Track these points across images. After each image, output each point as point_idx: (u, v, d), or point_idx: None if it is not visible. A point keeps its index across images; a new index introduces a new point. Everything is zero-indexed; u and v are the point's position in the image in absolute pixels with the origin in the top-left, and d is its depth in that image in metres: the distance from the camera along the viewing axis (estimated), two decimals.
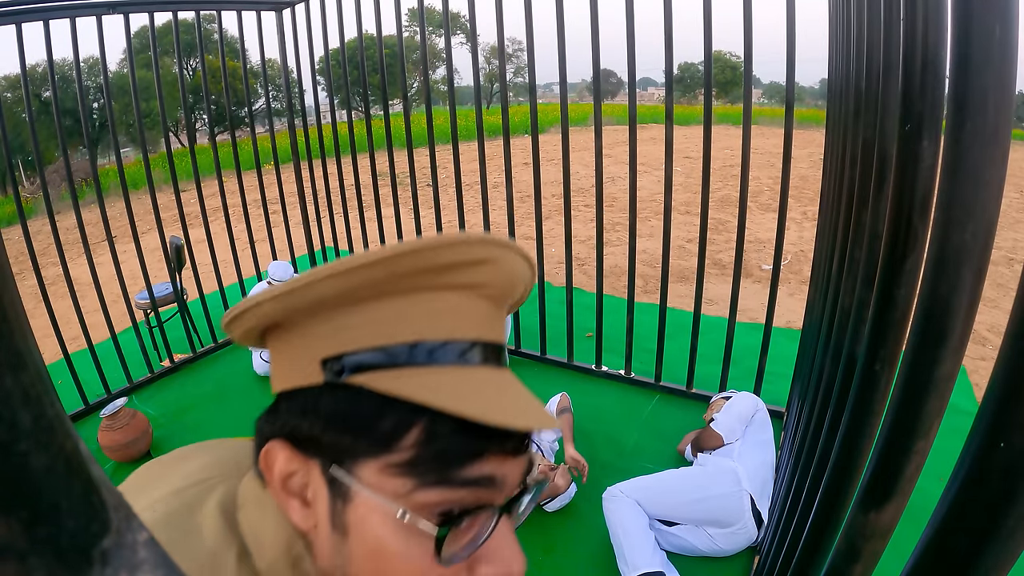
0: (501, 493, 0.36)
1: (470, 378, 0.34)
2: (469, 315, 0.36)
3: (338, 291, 0.33)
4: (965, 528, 0.41)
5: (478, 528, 0.35)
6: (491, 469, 0.34)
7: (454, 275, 0.34)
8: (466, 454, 0.34)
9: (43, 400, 0.12)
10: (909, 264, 0.61)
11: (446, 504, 0.34)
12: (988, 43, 0.32)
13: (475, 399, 0.33)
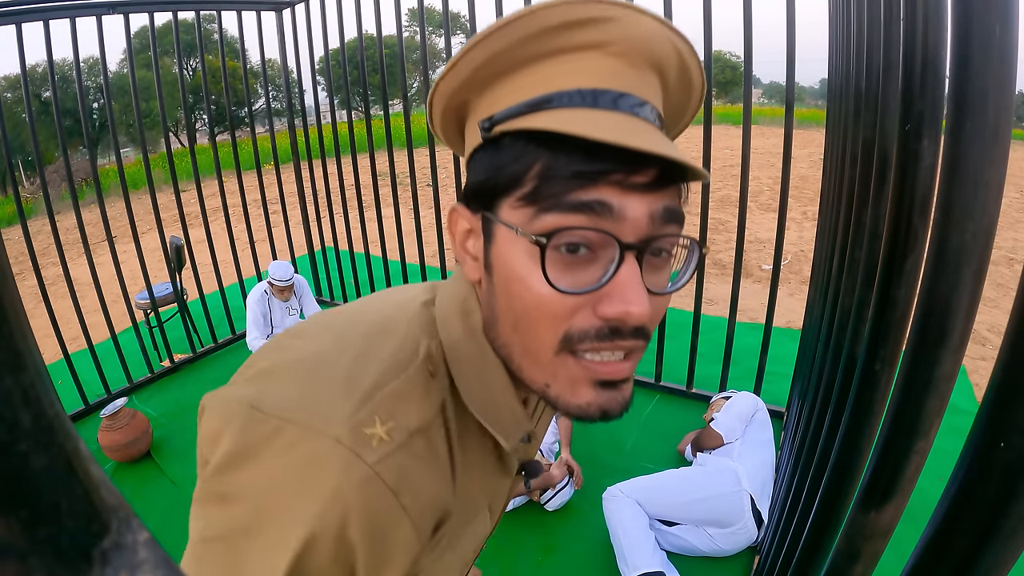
0: (623, 226, 0.36)
1: (594, 115, 0.36)
2: (599, 70, 0.37)
3: (485, 57, 0.38)
4: (965, 528, 0.41)
5: (602, 267, 0.37)
6: (606, 196, 0.35)
7: (575, 34, 0.36)
8: (580, 177, 0.35)
9: (43, 400, 0.12)
10: (909, 264, 0.61)
11: (562, 228, 0.35)
12: (988, 43, 0.32)
13: (589, 125, 0.34)
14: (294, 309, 3.37)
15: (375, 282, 3.82)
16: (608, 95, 0.37)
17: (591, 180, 0.35)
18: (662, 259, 0.39)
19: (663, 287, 0.39)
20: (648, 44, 0.38)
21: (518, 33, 0.37)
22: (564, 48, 0.37)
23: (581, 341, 0.37)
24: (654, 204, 0.36)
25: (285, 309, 3.34)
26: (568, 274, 0.37)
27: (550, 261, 0.36)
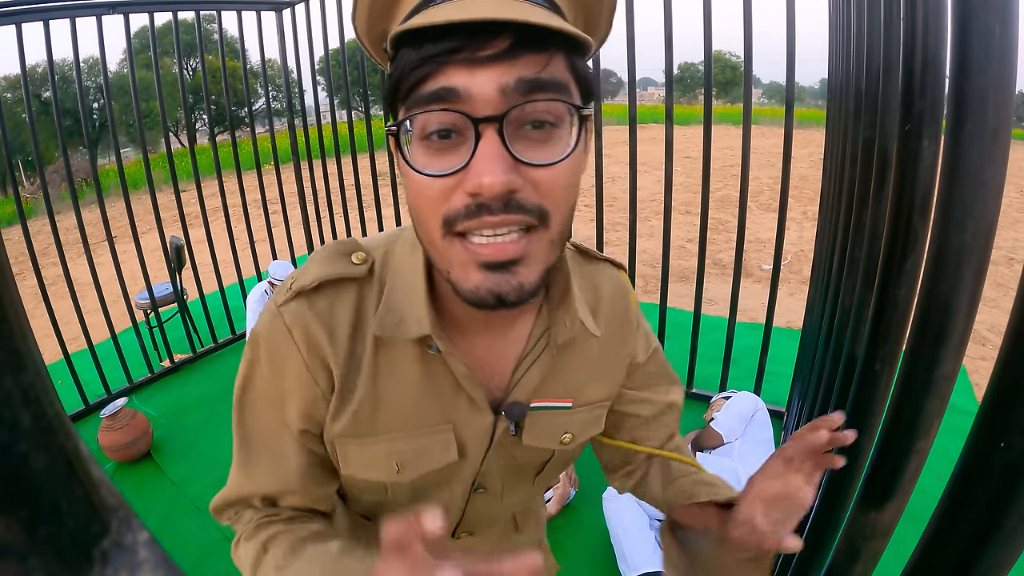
0: (474, 103, 0.36)
1: (444, 7, 0.37)
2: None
3: None
4: (965, 528, 0.41)
5: (462, 154, 0.38)
6: (453, 79, 0.36)
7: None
8: (428, 63, 0.37)
9: (43, 400, 0.12)
10: (909, 264, 0.61)
11: (420, 119, 0.38)
12: (988, 43, 0.32)
13: (442, 13, 0.36)
14: None
15: None
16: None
17: (439, 64, 0.36)
18: (544, 131, 0.38)
19: (548, 158, 0.38)
20: None
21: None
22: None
23: (456, 221, 0.38)
24: (504, 76, 0.36)
25: None
26: (438, 159, 0.38)
27: (419, 150, 0.39)
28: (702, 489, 0.58)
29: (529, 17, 0.34)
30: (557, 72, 0.38)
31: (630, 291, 0.61)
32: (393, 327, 0.48)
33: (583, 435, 0.59)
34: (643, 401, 0.64)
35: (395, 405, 0.51)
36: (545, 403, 0.54)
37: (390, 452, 0.52)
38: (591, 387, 0.57)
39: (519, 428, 0.54)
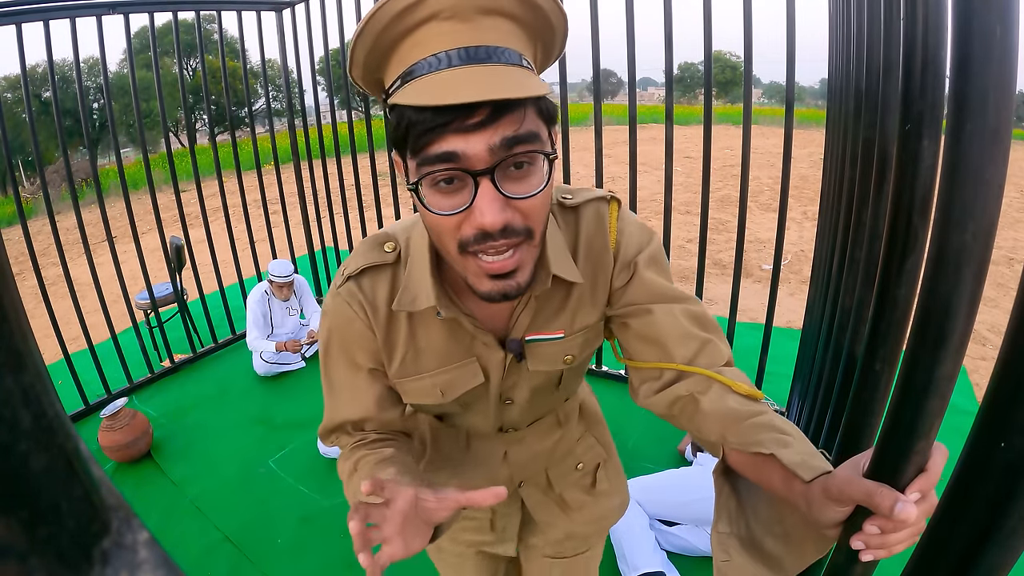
0: (471, 161, 0.49)
1: (432, 79, 0.48)
2: (439, 36, 0.48)
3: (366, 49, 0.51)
4: (965, 528, 0.41)
5: (469, 192, 0.51)
6: (452, 145, 0.49)
7: (411, 15, 0.48)
8: (431, 131, 0.49)
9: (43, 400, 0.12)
10: (909, 264, 0.61)
11: (429, 171, 0.50)
12: (988, 43, 0.32)
13: (421, 92, 0.48)
14: (294, 309, 3.38)
15: None
16: (447, 56, 0.48)
17: (438, 133, 0.49)
18: (523, 170, 0.52)
19: (529, 191, 0.52)
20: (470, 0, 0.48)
21: (376, 27, 0.49)
22: (410, 26, 0.49)
23: (468, 245, 0.53)
24: (491, 138, 0.49)
25: (285, 309, 3.34)
26: (447, 199, 0.52)
27: (431, 194, 0.52)
28: (766, 436, 0.54)
29: (502, 92, 0.46)
30: (530, 124, 0.51)
31: (608, 221, 0.69)
32: (409, 303, 0.65)
33: (584, 352, 0.74)
34: (641, 314, 0.68)
35: (430, 351, 0.70)
36: (539, 335, 0.71)
37: (433, 384, 0.71)
38: (580, 316, 0.71)
39: (523, 357, 0.71)
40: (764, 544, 0.57)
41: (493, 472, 0.88)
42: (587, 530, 0.96)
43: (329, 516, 2.12)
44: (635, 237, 0.69)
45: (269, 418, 2.81)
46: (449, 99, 0.46)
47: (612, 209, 0.69)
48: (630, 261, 0.68)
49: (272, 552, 1.97)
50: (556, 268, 0.64)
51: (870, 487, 0.43)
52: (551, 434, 0.88)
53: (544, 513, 0.94)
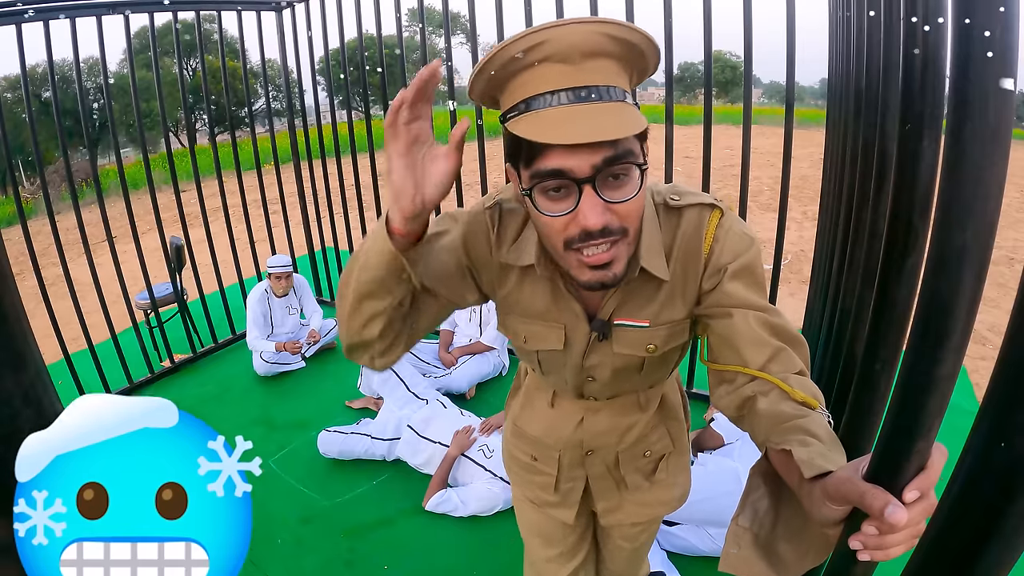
0: (575, 173, 0.58)
1: (546, 115, 0.58)
2: (550, 76, 0.58)
3: (485, 80, 0.62)
4: (965, 528, 0.41)
5: (574, 197, 0.60)
6: (555, 162, 0.58)
7: (528, 57, 0.58)
8: (534, 153, 0.60)
9: (43, 400, 0.12)
10: (909, 264, 0.61)
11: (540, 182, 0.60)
12: (988, 43, 0.32)
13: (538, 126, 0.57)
14: (294, 308, 3.38)
15: None
16: (557, 95, 0.58)
17: (546, 149, 0.58)
18: (620, 180, 0.60)
19: (625, 196, 0.61)
20: (577, 47, 0.57)
21: (496, 64, 0.59)
22: (526, 65, 0.59)
23: (573, 243, 0.62)
24: (593, 158, 0.58)
25: (285, 309, 3.34)
26: (555, 204, 0.61)
27: (542, 200, 0.62)
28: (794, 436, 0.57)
29: (606, 134, 0.55)
30: (627, 144, 0.59)
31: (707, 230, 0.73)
32: (515, 258, 0.76)
33: (667, 345, 0.79)
34: (722, 316, 0.71)
35: (528, 299, 0.79)
36: (626, 321, 0.77)
37: (520, 327, 0.82)
38: (667, 310, 0.76)
39: (606, 336, 0.78)
40: (778, 547, 0.58)
41: (566, 437, 0.95)
42: (635, 510, 1.02)
43: (329, 516, 2.12)
44: (731, 245, 0.72)
45: (269, 418, 2.81)
46: (563, 139, 0.55)
47: (714, 216, 0.73)
48: (721, 267, 0.72)
49: (272, 552, 1.97)
50: (645, 262, 0.70)
51: (864, 488, 0.44)
52: (629, 414, 0.94)
53: (601, 485, 1.00)
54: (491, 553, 1.92)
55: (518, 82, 0.60)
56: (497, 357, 3.00)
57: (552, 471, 0.99)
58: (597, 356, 0.81)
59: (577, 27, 0.57)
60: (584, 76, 0.58)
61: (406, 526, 2.06)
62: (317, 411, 2.80)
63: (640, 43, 0.60)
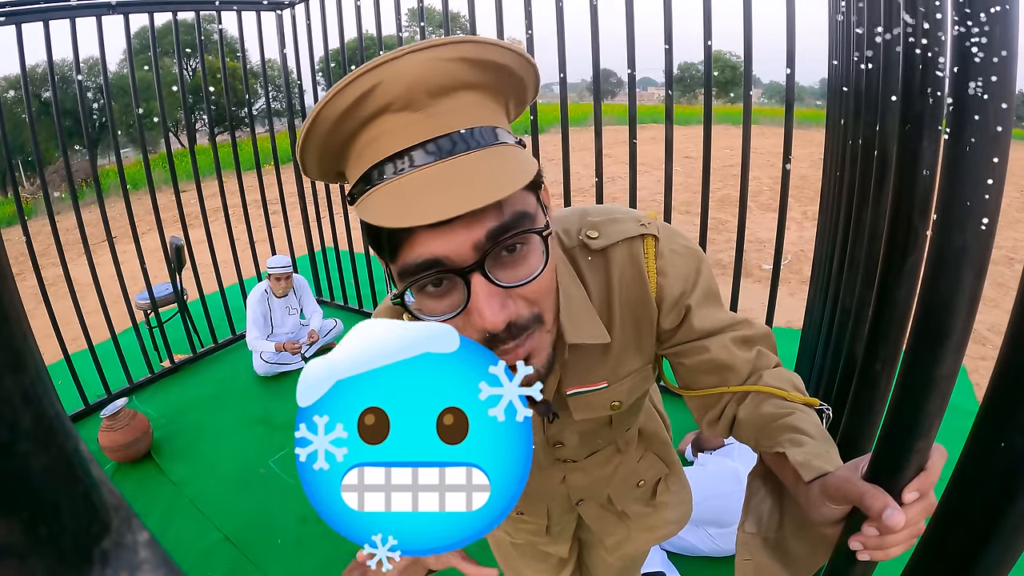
0: (455, 260, 0.44)
1: (394, 187, 0.43)
2: (395, 132, 0.44)
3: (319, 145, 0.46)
4: (965, 528, 0.41)
5: (458, 295, 0.46)
6: (424, 250, 0.44)
7: (361, 109, 0.43)
8: (397, 242, 0.45)
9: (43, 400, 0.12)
10: (909, 264, 0.61)
11: (413, 279, 0.46)
12: (988, 43, 0.32)
13: (384, 208, 0.43)
14: (294, 309, 3.38)
15: (375, 282, 3.82)
16: (405, 157, 0.44)
17: (408, 234, 0.44)
18: (518, 252, 0.46)
19: (529, 275, 0.47)
20: (419, 83, 0.43)
21: (321, 129, 0.45)
22: (360, 122, 0.44)
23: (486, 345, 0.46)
24: (472, 235, 0.44)
25: (285, 309, 3.34)
26: (439, 303, 0.48)
27: (422, 300, 0.48)
28: (784, 436, 0.55)
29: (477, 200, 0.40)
30: (516, 204, 0.46)
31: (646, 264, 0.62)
32: None
33: (632, 397, 0.70)
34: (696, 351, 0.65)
35: None
36: (581, 389, 0.66)
37: None
38: (623, 363, 0.66)
39: (555, 416, 0.69)
40: (788, 546, 0.57)
41: (551, 492, 0.88)
42: (645, 536, 0.97)
43: None
44: (679, 273, 0.63)
45: (269, 418, 2.81)
46: (416, 220, 0.41)
47: (648, 245, 0.62)
48: (677, 300, 0.63)
49: (272, 552, 1.97)
50: (574, 336, 0.58)
51: (864, 489, 0.44)
52: (610, 461, 0.87)
53: (602, 524, 0.94)
54: (491, 553, 1.91)
55: (357, 147, 0.46)
56: None
57: (542, 521, 0.94)
58: (558, 427, 0.72)
59: (413, 57, 0.42)
60: (437, 123, 0.44)
61: None
62: None
63: (509, 62, 0.46)
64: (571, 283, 0.60)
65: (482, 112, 0.46)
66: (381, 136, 0.44)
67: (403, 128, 0.44)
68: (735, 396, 0.66)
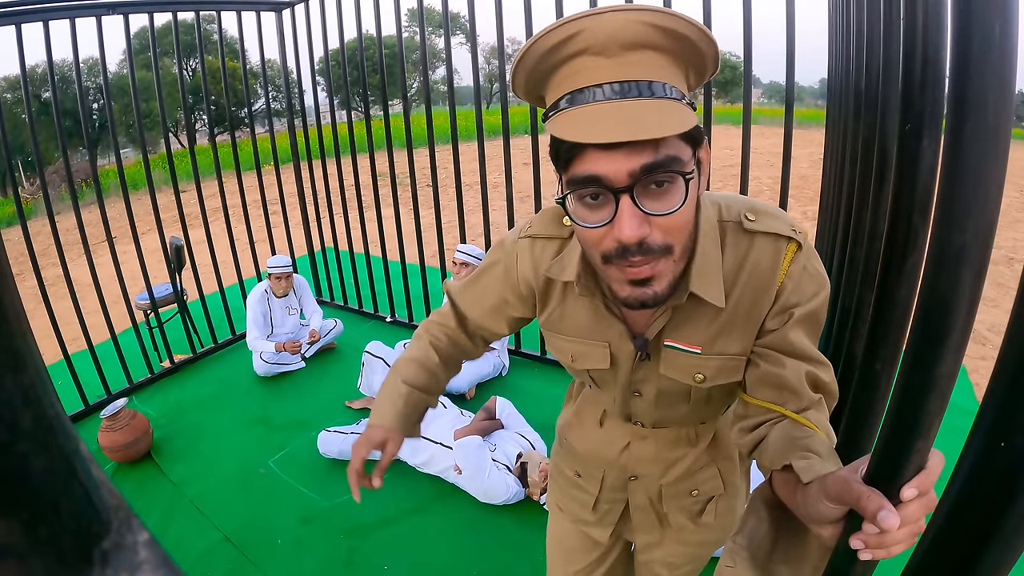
0: (611, 179, 0.53)
1: (580, 113, 0.54)
2: (587, 71, 0.54)
3: (525, 75, 0.59)
4: (965, 528, 0.41)
5: (608, 210, 0.56)
6: (589, 167, 0.54)
7: (563, 49, 0.54)
8: (570, 156, 0.55)
9: (43, 401, 0.12)
10: (909, 264, 0.61)
11: (575, 189, 0.56)
12: (988, 43, 0.32)
13: (568, 126, 0.53)
14: (294, 309, 3.38)
15: (375, 282, 3.82)
16: (596, 90, 0.53)
17: (580, 151, 0.54)
18: (663, 189, 0.55)
19: (668, 208, 0.55)
20: (615, 37, 0.52)
21: (531, 59, 0.56)
22: (563, 58, 0.55)
23: (611, 258, 0.57)
24: (630, 164, 0.53)
25: (285, 309, 3.34)
26: (592, 213, 0.57)
27: (579, 207, 0.57)
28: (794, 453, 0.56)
29: (639, 133, 0.50)
30: (670, 149, 0.53)
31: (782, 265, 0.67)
32: (558, 272, 0.74)
33: (717, 378, 0.73)
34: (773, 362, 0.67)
35: (573, 319, 0.78)
36: (676, 344, 0.72)
37: (566, 347, 0.80)
38: (722, 340, 0.70)
39: (649, 356, 0.75)
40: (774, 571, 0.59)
41: (612, 456, 0.92)
42: (675, 548, 0.97)
43: (329, 516, 2.12)
44: (803, 286, 0.67)
45: (269, 418, 2.81)
46: (591, 138, 0.51)
47: (790, 249, 0.67)
48: (788, 308, 0.67)
49: (272, 552, 1.97)
50: (696, 286, 0.64)
51: (861, 490, 0.44)
52: (677, 447, 0.89)
53: (643, 517, 0.96)
54: (491, 553, 1.92)
55: (557, 78, 0.56)
56: (497, 357, 3.00)
57: (594, 490, 0.96)
58: (643, 372, 0.77)
59: (615, 15, 0.51)
60: (623, 70, 0.53)
61: (406, 526, 2.06)
62: (317, 411, 2.80)
63: (691, 34, 0.53)
64: (712, 247, 0.66)
65: (662, 71, 0.54)
66: (577, 73, 0.54)
67: (596, 69, 0.53)
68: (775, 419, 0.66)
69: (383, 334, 3.37)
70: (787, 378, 0.65)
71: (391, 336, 3.23)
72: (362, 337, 3.23)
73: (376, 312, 3.84)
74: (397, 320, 3.72)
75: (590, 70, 0.53)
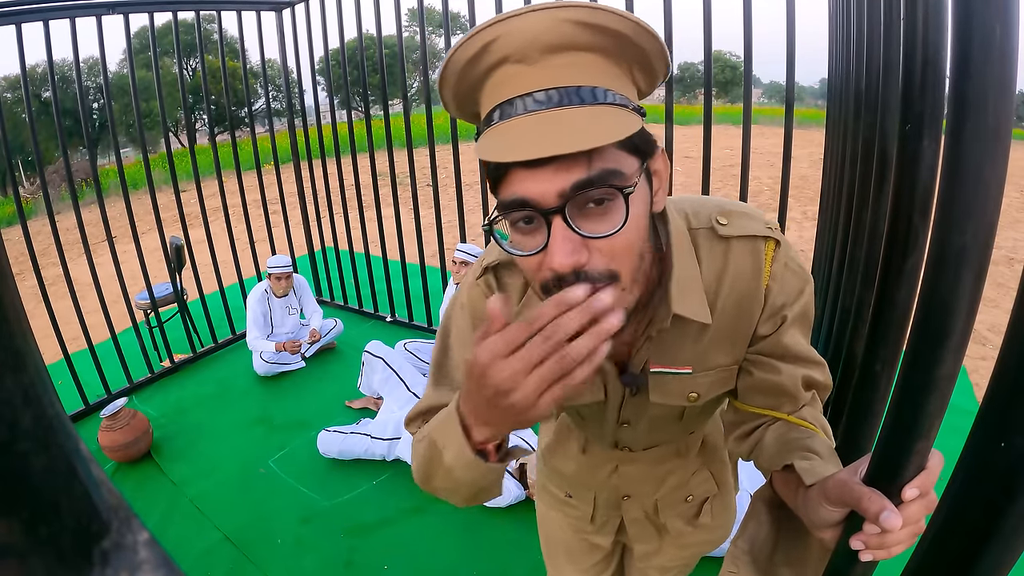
0: (541, 201, 0.47)
1: (502, 129, 0.48)
2: (511, 80, 0.49)
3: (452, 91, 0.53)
4: (965, 528, 0.40)
5: (541, 235, 0.49)
6: (516, 189, 0.48)
7: (483, 60, 0.49)
8: (497, 177, 0.50)
9: (43, 400, 0.12)
10: (909, 264, 0.61)
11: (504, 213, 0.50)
12: (988, 43, 0.32)
13: (489, 144, 0.48)
14: (294, 308, 3.38)
15: (375, 282, 3.82)
16: (515, 104, 0.48)
17: (506, 171, 0.48)
18: (603, 207, 0.48)
19: (606, 230, 0.48)
20: (535, 40, 0.47)
21: (452, 73, 0.51)
22: (485, 70, 0.50)
23: (548, 289, 0.50)
24: (558, 183, 0.46)
25: (285, 309, 3.34)
26: (527, 239, 0.50)
27: (513, 233, 0.51)
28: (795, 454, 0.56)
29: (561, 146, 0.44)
30: (607, 162, 0.47)
31: (764, 267, 0.64)
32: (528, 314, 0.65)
33: (711, 393, 0.69)
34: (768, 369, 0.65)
35: None
36: (665, 369, 0.66)
37: None
38: (713, 354, 0.66)
39: (637, 390, 0.69)
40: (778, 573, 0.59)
41: (600, 480, 0.89)
42: (675, 553, 0.97)
43: (329, 516, 2.12)
44: (789, 285, 0.65)
45: (269, 418, 2.81)
46: (509, 156, 0.45)
47: (769, 248, 0.64)
48: (778, 310, 0.64)
49: (272, 552, 1.97)
50: (679, 307, 0.59)
51: (862, 492, 0.44)
52: (666, 462, 0.87)
53: (639, 530, 0.95)
54: (491, 553, 1.92)
55: (485, 91, 0.51)
56: None
57: (588, 508, 0.94)
58: (632, 406, 0.73)
59: (531, 16, 0.46)
60: (549, 76, 0.47)
61: (406, 526, 2.06)
62: (317, 411, 2.80)
63: (624, 29, 0.48)
64: (688, 260, 0.61)
65: (594, 73, 0.48)
66: (501, 84, 0.49)
67: (518, 77, 0.48)
68: (770, 420, 0.66)
69: (383, 334, 3.37)
70: (784, 384, 0.64)
71: (391, 336, 3.23)
72: (362, 337, 3.23)
73: (376, 312, 3.84)
74: (397, 320, 3.71)
75: (513, 79, 0.48)
